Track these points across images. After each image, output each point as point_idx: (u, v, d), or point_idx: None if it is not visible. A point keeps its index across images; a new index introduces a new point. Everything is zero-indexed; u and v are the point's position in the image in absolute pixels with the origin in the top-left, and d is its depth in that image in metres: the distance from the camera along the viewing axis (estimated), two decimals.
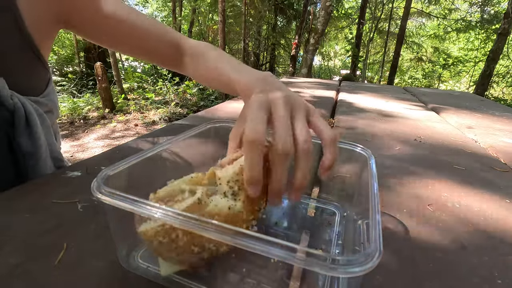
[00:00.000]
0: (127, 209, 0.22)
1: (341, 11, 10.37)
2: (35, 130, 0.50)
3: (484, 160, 0.60)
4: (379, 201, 0.25)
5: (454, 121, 0.96)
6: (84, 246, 0.29)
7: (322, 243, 0.33)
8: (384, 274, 0.28)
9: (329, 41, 13.14)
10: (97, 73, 4.89)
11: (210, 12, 8.92)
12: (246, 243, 0.18)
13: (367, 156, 0.34)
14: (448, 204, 0.42)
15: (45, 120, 0.54)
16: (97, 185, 0.23)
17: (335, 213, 0.38)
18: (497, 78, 9.18)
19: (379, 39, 11.26)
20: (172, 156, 0.35)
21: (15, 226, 0.31)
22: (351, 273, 0.17)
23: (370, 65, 11.49)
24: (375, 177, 0.29)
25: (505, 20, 5.31)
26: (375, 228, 0.21)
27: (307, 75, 4.94)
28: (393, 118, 0.94)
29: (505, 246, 0.33)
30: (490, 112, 1.13)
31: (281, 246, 0.18)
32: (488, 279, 0.28)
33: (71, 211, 0.34)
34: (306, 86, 1.58)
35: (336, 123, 0.84)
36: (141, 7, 12.11)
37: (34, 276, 0.25)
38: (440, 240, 0.34)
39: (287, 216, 0.37)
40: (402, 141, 0.70)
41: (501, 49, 5.73)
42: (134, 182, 0.29)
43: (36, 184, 0.40)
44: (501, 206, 0.42)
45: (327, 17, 4.80)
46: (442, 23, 9.89)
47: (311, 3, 7.93)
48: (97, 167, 0.46)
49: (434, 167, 0.55)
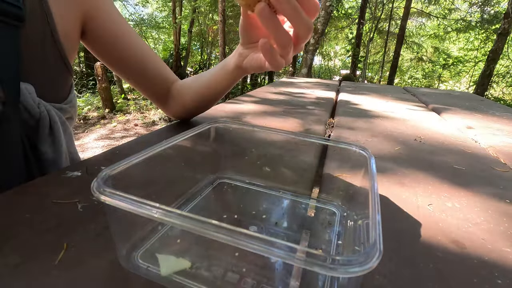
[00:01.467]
0: (127, 209, 0.22)
1: (341, 11, 10.37)
2: (58, 138, 0.52)
3: (484, 160, 0.60)
4: (379, 201, 0.25)
5: (454, 121, 0.96)
6: (84, 246, 0.29)
7: (322, 243, 0.33)
8: (384, 274, 0.28)
9: (329, 41, 13.14)
10: (97, 73, 4.89)
11: (210, 12, 8.92)
12: (246, 243, 0.18)
13: (367, 156, 0.34)
14: (448, 204, 0.42)
15: (67, 128, 0.55)
16: (97, 185, 0.23)
17: (335, 213, 0.38)
18: (497, 78, 9.18)
19: (379, 39, 11.26)
20: (172, 156, 0.35)
21: (15, 226, 0.31)
22: (351, 273, 0.17)
23: (370, 65, 11.49)
24: (375, 177, 0.29)
25: (505, 20, 5.31)
26: (375, 228, 0.21)
27: (307, 75, 4.94)
28: (393, 118, 0.94)
29: (505, 246, 0.33)
30: (490, 112, 1.13)
31: (281, 246, 0.18)
32: (488, 279, 0.28)
33: (71, 211, 0.34)
34: (306, 86, 1.58)
35: (336, 123, 0.84)
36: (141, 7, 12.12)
37: (34, 276, 0.25)
38: (440, 240, 0.34)
39: (287, 216, 0.37)
40: (402, 141, 0.70)
41: (501, 49, 5.73)
42: (134, 182, 0.29)
43: (36, 184, 0.40)
44: (501, 206, 0.42)
45: (327, 17, 4.80)
46: (442, 23, 9.89)
47: None
48: (97, 167, 0.46)
49: (434, 167, 0.55)
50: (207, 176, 0.44)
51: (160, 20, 12.56)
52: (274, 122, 0.80)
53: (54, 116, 0.51)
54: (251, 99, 1.11)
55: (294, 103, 1.08)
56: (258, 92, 1.27)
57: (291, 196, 0.41)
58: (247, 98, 1.12)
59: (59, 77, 0.54)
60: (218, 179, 0.44)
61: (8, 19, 0.42)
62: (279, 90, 1.38)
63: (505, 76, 9.32)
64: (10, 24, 0.43)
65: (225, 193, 0.41)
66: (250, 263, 0.28)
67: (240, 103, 1.01)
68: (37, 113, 0.48)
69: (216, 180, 0.44)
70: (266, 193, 0.41)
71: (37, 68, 0.49)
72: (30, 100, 0.47)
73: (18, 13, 0.43)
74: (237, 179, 0.44)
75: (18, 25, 0.44)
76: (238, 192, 0.42)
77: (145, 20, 11.98)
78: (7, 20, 0.42)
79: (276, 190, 0.42)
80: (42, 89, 0.49)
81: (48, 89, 0.51)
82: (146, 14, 13.28)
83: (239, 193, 0.41)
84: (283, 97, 1.20)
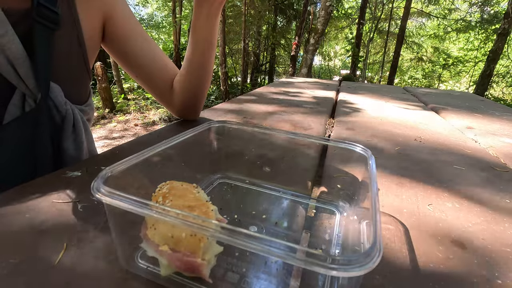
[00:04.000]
0: (127, 209, 0.22)
1: (341, 11, 10.38)
2: (80, 137, 0.55)
3: (484, 160, 0.60)
4: (379, 201, 0.25)
5: (454, 121, 0.96)
6: (84, 246, 0.29)
7: (322, 243, 0.33)
8: (384, 274, 0.28)
9: (329, 41, 13.14)
10: (97, 73, 4.89)
11: None
12: (246, 243, 0.18)
13: (367, 156, 0.34)
14: (448, 204, 0.42)
15: (88, 127, 0.59)
16: (97, 185, 0.23)
17: (335, 213, 0.38)
18: (497, 78, 9.18)
19: (379, 39, 11.27)
20: (172, 156, 0.35)
21: (15, 226, 0.31)
22: (351, 273, 0.17)
23: (370, 65, 11.49)
24: (375, 177, 0.29)
25: (505, 20, 5.31)
26: (375, 228, 0.21)
27: (307, 75, 4.95)
28: (393, 118, 0.94)
29: (505, 246, 0.33)
30: (490, 112, 1.13)
31: (281, 246, 0.18)
32: (488, 279, 0.28)
33: (71, 211, 0.34)
34: (306, 86, 1.58)
35: (336, 123, 0.84)
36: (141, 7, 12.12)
37: (34, 276, 0.25)
38: (440, 240, 0.34)
39: (287, 216, 0.37)
40: (402, 141, 0.70)
41: (501, 49, 5.73)
42: (134, 182, 0.29)
43: (36, 184, 0.40)
44: (501, 206, 0.42)
45: (327, 17, 4.80)
46: (442, 23, 9.89)
47: (311, 3, 7.93)
48: (97, 167, 0.46)
49: (434, 167, 0.55)
50: (207, 176, 0.44)
51: (160, 20, 12.56)
52: (274, 122, 0.80)
53: (77, 116, 0.54)
54: (251, 99, 1.11)
55: (294, 103, 1.08)
56: (258, 92, 1.27)
57: (291, 196, 0.41)
58: (247, 98, 1.12)
59: (81, 80, 0.56)
60: (218, 179, 0.44)
61: (47, 23, 0.46)
62: (279, 90, 1.38)
63: (505, 76, 9.32)
64: (48, 27, 0.47)
65: (225, 193, 0.41)
66: (250, 263, 0.28)
67: (240, 103, 1.01)
68: (64, 110, 0.51)
69: (216, 180, 0.43)
70: (266, 193, 0.41)
71: (63, 70, 0.52)
72: (60, 97, 0.50)
73: (55, 18, 0.47)
74: (237, 179, 0.44)
75: (55, 28, 0.48)
76: (238, 192, 0.42)
77: (145, 20, 11.98)
78: (47, 24, 0.46)
79: (276, 190, 0.42)
80: (67, 90, 0.52)
81: (72, 91, 0.54)
82: (146, 14, 13.28)
83: (239, 193, 0.41)
84: (283, 97, 1.20)
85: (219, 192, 0.41)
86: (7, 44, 0.43)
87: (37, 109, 0.47)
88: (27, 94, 0.47)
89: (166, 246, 0.23)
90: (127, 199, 0.22)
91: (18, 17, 0.45)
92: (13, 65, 0.44)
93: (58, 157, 0.52)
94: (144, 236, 0.25)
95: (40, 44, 0.46)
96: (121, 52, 0.62)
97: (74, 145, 0.54)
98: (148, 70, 0.64)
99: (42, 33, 0.46)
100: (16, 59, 0.44)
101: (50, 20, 0.47)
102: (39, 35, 0.46)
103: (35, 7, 0.45)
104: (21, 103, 0.47)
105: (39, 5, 0.45)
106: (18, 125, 0.47)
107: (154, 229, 0.24)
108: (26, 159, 0.48)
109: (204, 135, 0.41)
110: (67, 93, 0.52)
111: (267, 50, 10.27)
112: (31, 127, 0.48)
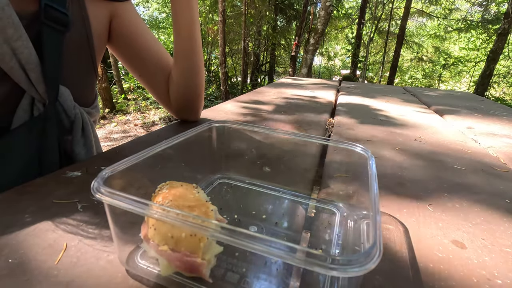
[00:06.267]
0: (127, 209, 0.22)
1: (341, 11, 10.37)
2: (89, 139, 0.55)
3: (484, 160, 0.60)
4: (379, 201, 0.25)
5: (454, 121, 0.96)
6: (84, 246, 0.29)
7: (322, 243, 0.33)
8: (384, 274, 0.28)
9: (329, 41, 13.14)
10: None
11: (210, 12, 8.92)
12: (246, 243, 0.18)
13: (367, 156, 0.34)
14: (448, 204, 0.42)
15: (94, 129, 0.59)
16: (97, 185, 0.23)
17: (335, 213, 0.38)
18: (497, 78, 9.18)
19: (379, 39, 11.26)
20: (172, 156, 0.35)
21: (15, 226, 0.31)
22: (351, 273, 0.17)
23: (370, 65, 11.48)
24: (375, 177, 0.29)
25: (505, 20, 5.31)
26: (375, 228, 0.21)
27: (307, 75, 4.94)
28: (393, 118, 0.94)
29: (505, 246, 0.33)
30: (490, 112, 1.13)
31: (281, 246, 0.18)
32: (488, 279, 0.28)
33: (71, 211, 0.34)
34: (306, 86, 1.58)
35: (336, 123, 0.84)
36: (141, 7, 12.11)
37: (34, 276, 0.25)
38: (440, 240, 0.34)
39: (287, 216, 0.37)
40: (402, 141, 0.70)
41: (501, 49, 5.73)
42: (134, 182, 0.29)
43: (36, 184, 0.40)
44: (501, 206, 0.42)
45: (327, 17, 4.80)
46: (443, 23, 9.89)
47: (311, 3, 7.93)
48: (97, 167, 0.46)
49: (434, 167, 0.55)
50: (207, 176, 0.44)
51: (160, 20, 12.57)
52: (274, 122, 0.80)
53: (86, 119, 0.53)
54: (251, 99, 1.11)
55: (294, 103, 1.08)
56: (258, 92, 1.27)
57: (291, 196, 0.41)
58: (247, 98, 1.12)
59: (88, 81, 0.56)
60: (218, 179, 0.44)
61: (56, 25, 0.45)
62: (279, 90, 1.38)
63: (506, 76, 9.31)
64: (58, 30, 0.46)
65: (225, 193, 0.41)
66: (250, 263, 0.28)
67: (240, 103, 1.01)
68: (72, 115, 0.51)
69: (216, 180, 0.43)
70: (266, 193, 0.41)
71: (73, 72, 0.51)
72: (69, 101, 0.49)
73: (66, 20, 0.46)
74: (237, 179, 0.44)
75: (64, 30, 0.47)
76: (238, 192, 0.42)
77: (145, 20, 11.98)
78: (56, 26, 0.45)
79: (276, 190, 0.42)
80: (75, 93, 0.51)
81: (80, 93, 0.54)
82: (146, 14, 13.28)
83: (239, 193, 0.41)
84: (283, 97, 1.20)
85: (219, 192, 0.41)
86: (20, 48, 0.42)
87: (45, 113, 0.47)
88: (36, 98, 0.46)
89: (166, 246, 0.23)
90: (127, 199, 0.22)
91: (28, 20, 0.43)
92: (24, 69, 0.43)
93: (67, 161, 0.52)
94: (144, 236, 0.25)
95: (50, 48, 0.45)
96: (127, 51, 0.62)
97: (85, 149, 0.53)
98: (153, 70, 0.64)
99: (52, 36, 0.45)
100: (28, 64, 0.43)
101: (60, 22, 0.46)
102: (48, 38, 0.45)
103: (42, 9, 0.44)
104: (29, 108, 0.46)
105: (47, 6, 0.44)
106: (27, 129, 0.46)
107: (154, 229, 0.24)
108: (34, 164, 0.48)
109: (204, 135, 0.41)
110: (75, 96, 0.51)
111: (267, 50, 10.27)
112: (39, 131, 0.47)
